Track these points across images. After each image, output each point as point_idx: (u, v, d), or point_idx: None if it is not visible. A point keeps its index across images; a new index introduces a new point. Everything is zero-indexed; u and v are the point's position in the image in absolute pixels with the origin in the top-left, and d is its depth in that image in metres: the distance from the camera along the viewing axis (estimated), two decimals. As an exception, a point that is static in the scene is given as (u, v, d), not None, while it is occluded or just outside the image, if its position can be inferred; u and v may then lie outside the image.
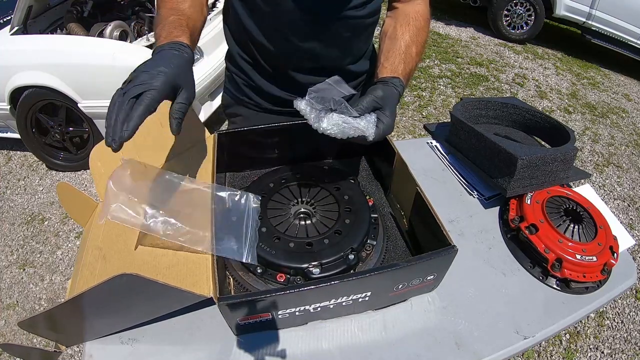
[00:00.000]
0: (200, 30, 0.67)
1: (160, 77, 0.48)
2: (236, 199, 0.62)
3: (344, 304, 0.56)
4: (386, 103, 0.61)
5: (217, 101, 2.44)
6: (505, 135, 0.96)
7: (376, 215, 0.70)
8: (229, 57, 0.90)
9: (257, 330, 0.57)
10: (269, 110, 0.90)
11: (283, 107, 0.88)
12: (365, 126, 0.57)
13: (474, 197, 0.84)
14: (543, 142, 0.99)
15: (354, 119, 0.57)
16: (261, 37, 0.76)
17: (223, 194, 0.62)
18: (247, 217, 0.61)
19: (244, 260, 0.56)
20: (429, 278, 0.59)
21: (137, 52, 2.00)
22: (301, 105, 0.57)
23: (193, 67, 0.57)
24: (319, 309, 0.55)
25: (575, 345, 1.61)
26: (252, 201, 0.63)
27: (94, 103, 2.05)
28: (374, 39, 0.86)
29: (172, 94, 0.51)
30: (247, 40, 0.80)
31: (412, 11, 0.74)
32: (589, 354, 1.59)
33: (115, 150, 0.46)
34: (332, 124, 0.55)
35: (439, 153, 0.96)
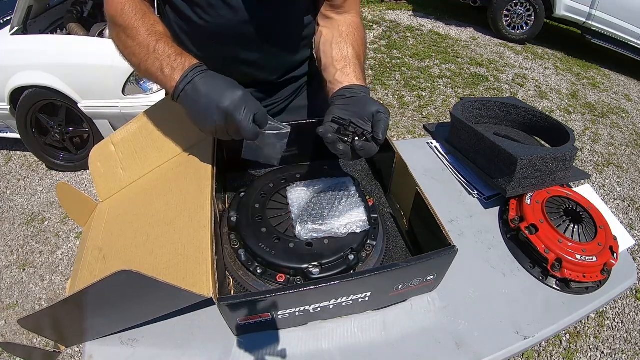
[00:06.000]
0: None
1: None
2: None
3: (344, 304, 0.56)
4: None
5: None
6: (505, 135, 0.96)
7: (376, 215, 0.70)
8: None
9: (257, 330, 0.57)
10: None
11: None
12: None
13: (474, 197, 0.84)
14: (543, 142, 0.99)
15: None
16: (195, 50, 0.75)
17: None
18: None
19: None
20: (429, 278, 0.59)
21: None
22: None
23: None
24: (319, 309, 0.55)
25: (575, 346, 1.61)
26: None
27: (94, 103, 2.06)
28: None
29: None
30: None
31: (350, 22, 0.74)
32: (589, 354, 1.59)
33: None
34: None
35: (439, 153, 0.96)
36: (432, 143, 0.99)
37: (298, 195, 0.69)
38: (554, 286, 0.68)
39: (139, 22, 0.61)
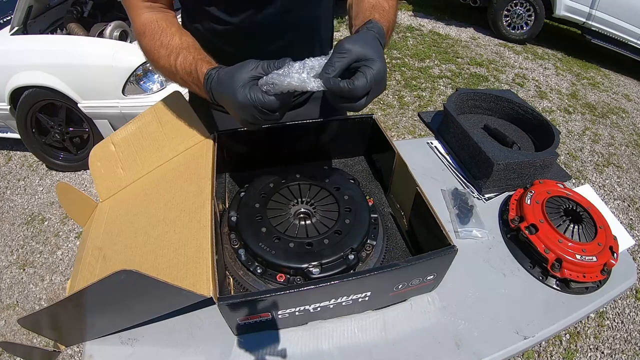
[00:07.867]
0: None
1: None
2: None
3: (343, 304, 0.56)
4: (366, 49, 0.52)
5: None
6: (495, 129, 0.97)
7: (376, 215, 0.70)
8: None
9: (257, 330, 0.57)
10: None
11: None
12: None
13: (474, 197, 0.84)
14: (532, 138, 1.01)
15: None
16: (230, 48, 0.74)
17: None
18: None
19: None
20: (428, 278, 0.59)
21: (137, 52, 2.00)
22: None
23: None
24: (318, 309, 0.55)
25: (575, 346, 1.61)
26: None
27: (94, 103, 2.06)
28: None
29: None
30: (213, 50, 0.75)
31: None
32: (589, 354, 1.59)
33: None
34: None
35: (439, 153, 0.96)
36: (432, 143, 0.99)
37: None
38: (554, 286, 0.68)
39: (157, 43, 0.65)
